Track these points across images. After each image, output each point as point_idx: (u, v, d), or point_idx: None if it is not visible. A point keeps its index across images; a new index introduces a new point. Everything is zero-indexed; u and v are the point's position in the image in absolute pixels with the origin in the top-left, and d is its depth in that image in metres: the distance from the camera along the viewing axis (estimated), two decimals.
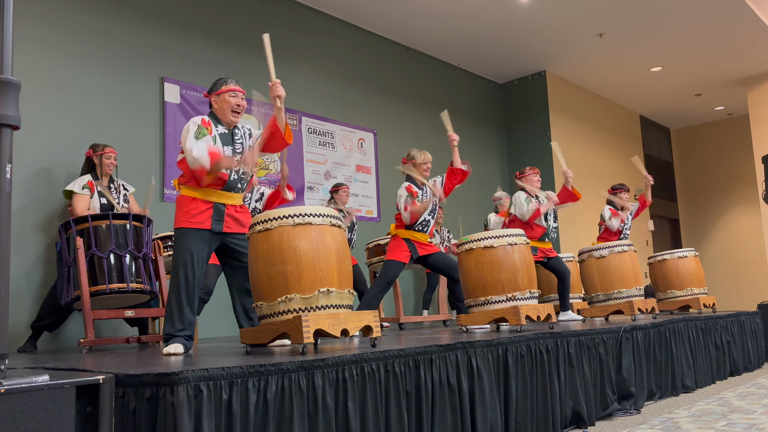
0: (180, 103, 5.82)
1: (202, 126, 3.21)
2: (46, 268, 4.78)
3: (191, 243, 3.13)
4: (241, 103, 3.34)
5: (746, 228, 12.09)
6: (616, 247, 5.10)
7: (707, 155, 12.83)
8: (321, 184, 6.97)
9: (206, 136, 3.18)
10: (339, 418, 2.25)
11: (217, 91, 3.33)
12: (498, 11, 7.55)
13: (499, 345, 3.04)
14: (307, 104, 6.96)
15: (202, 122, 3.23)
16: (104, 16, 5.42)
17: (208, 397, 1.90)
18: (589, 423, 3.46)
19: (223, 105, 3.30)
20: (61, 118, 5.02)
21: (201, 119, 3.25)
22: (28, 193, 4.76)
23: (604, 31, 8.24)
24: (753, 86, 10.18)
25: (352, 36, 7.67)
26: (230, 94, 3.31)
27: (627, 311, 4.91)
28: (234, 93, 3.31)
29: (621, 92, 10.69)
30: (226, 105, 3.30)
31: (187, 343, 3.10)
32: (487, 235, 3.98)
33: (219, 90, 3.32)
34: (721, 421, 3.45)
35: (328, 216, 2.83)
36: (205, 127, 3.22)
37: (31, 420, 1.58)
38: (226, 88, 3.31)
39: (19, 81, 1.72)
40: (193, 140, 3.14)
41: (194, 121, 3.23)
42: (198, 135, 3.17)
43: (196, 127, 3.20)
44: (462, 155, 4.59)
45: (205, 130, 3.21)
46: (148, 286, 4.13)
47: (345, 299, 2.80)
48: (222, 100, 3.31)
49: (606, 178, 10.14)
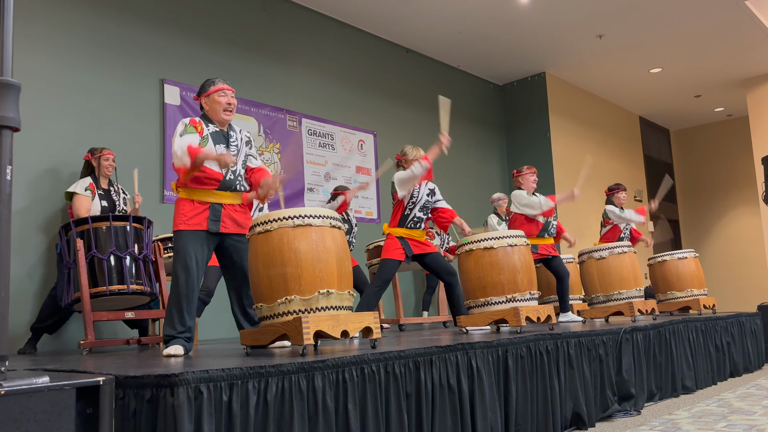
0: (180, 104, 5.82)
1: (189, 125, 3.22)
2: (46, 270, 4.78)
3: (189, 245, 3.14)
4: (232, 101, 3.33)
5: (746, 229, 12.09)
6: (616, 248, 5.10)
7: (707, 156, 12.83)
8: (321, 185, 6.97)
9: (191, 134, 3.18)
10: (339, 419, 2.25)
11: (206, 93, 3.32)
12: (497, 13, 7.56)
13: (499, 346, 3.04)
14: (307, 106, 6.97)
15: (190, 122, 3.24)
16: (105, 17, 5.43)
17: (209, 399, 1.90)
18: (589, 424, 3.46)
19: (213, 105, 3.30)
20: (61, 120, 5.02)
21: (190, 119, 3.26)
22: (29, 195, 4.76)
23: (603, 32, 8.24)
24: (752, 87, 10.18)
25: (351, 38, 7.68)
26: (219, 94, 3.30)
27: (627, 312, 4.91)
28: (223, 92, 3.31)
29: (620, 93, 10.70)
30: (217, 105, 3.30)
31: (187, 345, 3.10)
32: (487, 236, 3.98)
33: (208, 91, 3.32)
34: (721, 422, 3.45)
35: (328, 217, 2.84)
36: (193, 125, 3.22)
37: (31, 422, 1.58)
38: (215, 88, 3.31)
39: (19, 83, 1.72)
40: (178, 138, 3.16)
41: (183, 122, 3.24)
42: (183, 132, 3.18)
43: (183, 126, 3.21)
44: (461, 156, 4.60)
45: (192, 128, 3.21)
46: (148, 287, 4.13)
47: (345, 300, 2.80)
48: (212, 101, 3.30)
49: (605, 179, 10.14)
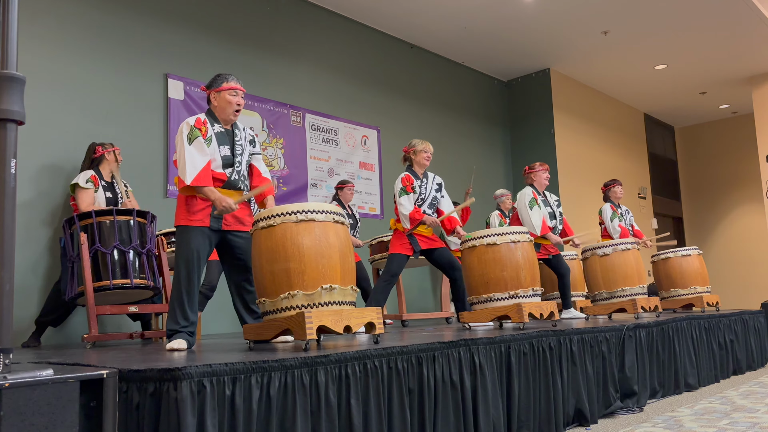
0: (184, 99, 5.83)
1: (195, 127, 3.17)
2: (50, 264, 4.79)
3: (191, 240, 3.14)
4: (241, 102, 3.31)
5: (750, 227, 12.05)
6: (620, 245, 5.10)
7: (712, 154, 12.79)
8: (324, 181, 6.97)
9: (198, 138, 3.14)
10: (342, 414, 2.26)
11: (217, 88, 3.28)
12: (502, 9, 7.54)
13: (502, 342, 3.04)
14: (311, 101, 6.96)
15: (196, 123, 3.19)
16: (109, 12, 5.42)
17: (212, 393, 1.90)
18: (591, 421, 3.46)
19: (222, 103, 3.27)
20: (65, 114, 5.02)
21: (195, 119, 3.21)
22: (33, 189, 4.77)
23: (608, 29, 8.21)
24: (758, 85, 10.14)
25: (356, 33, 7.67)
26: (231, 93, 3.27)
27: (630, 309, 4.90)
28: (235, 92, 3.28)
29: (625, 90, 10.67)
30: (227, 104, 3.27)
31: (191, 339, 3.12)
32: (491, 233, 3.98)
33: (219, 87, 3.28)
34: (724, 419, 3.45)
35: (332, 213, 2.83)
36: (199, 128, 3.17)
37: (35, 414, 1.59)
38: (227, 86, 3.27)
39: (24, 76, 1.72)
40: (186, 145, 3.12)
41: (188, 122, 3.19)
42: (190, 137, 3.14)
43: (189, 128, 3.16)
44: (466, 152, 4.60)
45: (197, 131, 3.16)
46: (151, 282, 4.14)
47: (348, 296, 2.81)
48: (222, 98, 3.27)
49: (610, 176, 10.12)
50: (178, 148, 3.16)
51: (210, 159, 3.17)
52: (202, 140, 3.16)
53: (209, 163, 3.15)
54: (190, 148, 3.12)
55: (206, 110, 3.34)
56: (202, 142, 3.15)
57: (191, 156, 3.11)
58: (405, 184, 4.53)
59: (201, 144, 3.15)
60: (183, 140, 3.13)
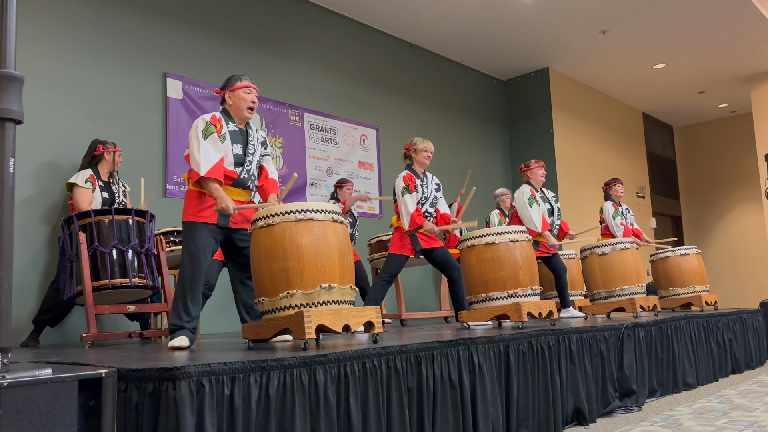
0: (182, 98, 5.82)
1: (210, 123, 3.21)
2: (48, 262, 4.78)
3: (198, 236, 3.17)
4: (255, 100, 3.37)
5: (749, 226, 12.07)
6: (618, 244, 5.10)
7: (710, 153, 12.80)
8: (323, 180, 6.97)
9: (213, 134, 3.19)
10: (341, 413, 2.26)
11: (231, 87, 3.34)
12: (501, 8, 7.54)
13: (501, 342, 3.04)
14: (310, 100, 6.96)
15: (212, 119, 3.24)
16: (107, 11, 5.42)
17: (210, 392, 1.90)
18: (590, 420, 3.46)
19: (237, 101, 3.32)
20: (64, 113, 5.02)
21: (212, 116, 3.25)
22: (31, 188, 4.77)
23: (607, 28, 8.22)
24: (757, 84, 10.15)
25: (355, 32, 7.66)
26: (245, 91, 3.33)
27: (629, 308, 4.91)
28: (249, 90, 3.35)
29: (624, 89, 10.67)
30: (242, 102, 3.32)
31: (192, 336, 3.13)
32: (489, 232, 3.98)
33: (234, 86, 3.34)
34: (723, 418, 3.45)
35: (330, 212, 2.83)
36: (214, 124, 3.22)
37: (34, 413, 1.59)
38: (241, 84, 3.33)
39: (22, 75, 1.72)
40: (201, 139, 3.16)
41: (203, 118, 3.24)
42: (205, 133, 3.18)
43: (205, 124, 3.20)
44: (464, 152, 4.61)
45: (213, 127, 3.20)
46: (150, 281, 4.14)
47: (347, 295, 2.81)
48: (237, 97, 3.32)
49: (608, 175, 10.13)
50: (191, 142, 3.18)
51: (223, 156, 3.20)
52: (217, 136, 3.20)
53: (222, 159, 3.19)
54: (205, 142, 3.16)
55: (221, 110, 3.38)
56: (217, 138, 3.20)
57: (206, 150, 3.15)
58: (407, 183, 4.54)
59: (215, 140, 3.19)
60: (198, 135, 3.17)
